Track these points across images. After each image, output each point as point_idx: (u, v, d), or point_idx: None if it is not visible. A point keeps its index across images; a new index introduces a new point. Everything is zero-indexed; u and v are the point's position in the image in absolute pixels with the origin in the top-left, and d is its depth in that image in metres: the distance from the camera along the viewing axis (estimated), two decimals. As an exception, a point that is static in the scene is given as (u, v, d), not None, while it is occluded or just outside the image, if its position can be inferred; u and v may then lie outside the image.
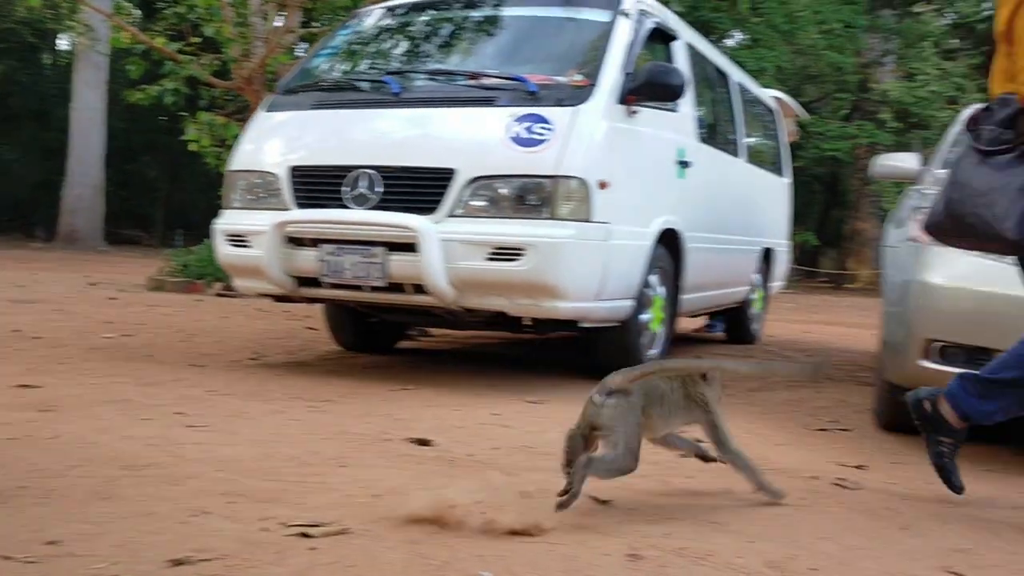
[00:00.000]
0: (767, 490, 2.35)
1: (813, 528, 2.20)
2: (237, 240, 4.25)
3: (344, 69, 4.76)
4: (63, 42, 24.05)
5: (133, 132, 22.45)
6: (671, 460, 2.78)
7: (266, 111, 4.57)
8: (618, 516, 2.18)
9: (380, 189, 3.92)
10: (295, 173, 4.14)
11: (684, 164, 4.79)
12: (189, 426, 2.93)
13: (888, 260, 3.68)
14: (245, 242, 4.20)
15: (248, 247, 4.18)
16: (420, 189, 3.88)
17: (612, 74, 4.08)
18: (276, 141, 4.39)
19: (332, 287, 4.02)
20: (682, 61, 4.90)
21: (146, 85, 9.15)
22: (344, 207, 3.96)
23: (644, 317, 4.36)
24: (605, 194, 3.89)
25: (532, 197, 3.80)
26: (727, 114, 5.96)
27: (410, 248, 3.78)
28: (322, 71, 4.78)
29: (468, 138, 3.98)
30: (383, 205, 3.90)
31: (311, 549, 1.83)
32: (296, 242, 4.04)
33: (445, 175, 3.85)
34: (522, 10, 4.66)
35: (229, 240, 4.30)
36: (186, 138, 8.95)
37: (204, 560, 1.74)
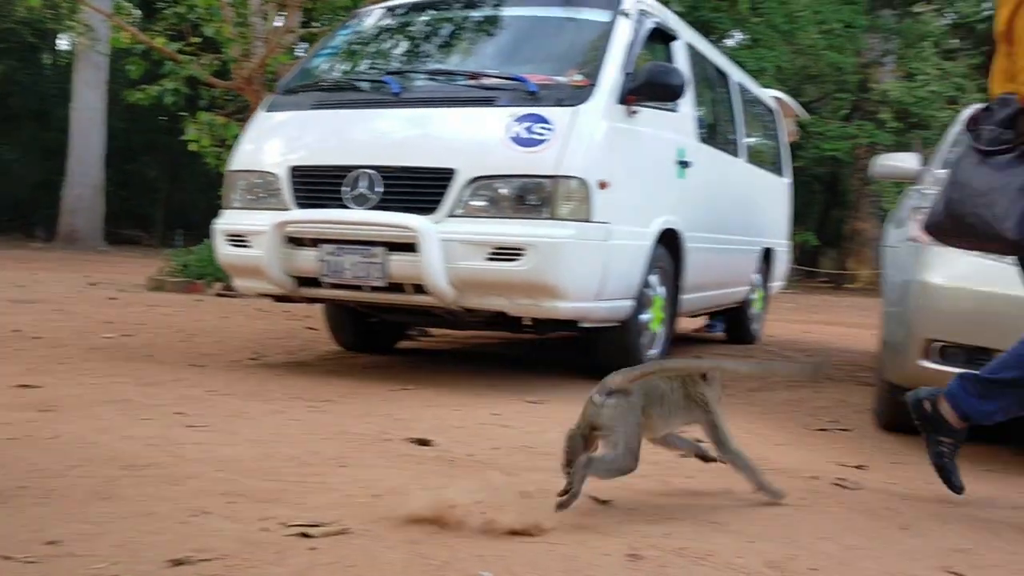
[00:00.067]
0: (767, 490, 2.35)
1: (813, 528, 2.20)
2: (237, 240, 4.26)
3: (344, 69, 4.76)
4: (63, 42, 24.06)
5: (133, 132, 22.45)
6: (671, 460, 2.78)
7: (266, 111, 4.58)
8: (618, 516, 2.18)
9: (380, 189, 3.92)
10: (295, 173, 4.14)
11: (684, 164, 4.79)
12: (189, 426, 2.93)
13: (888, 260, 3.68)
14: (245, 242, 4.21)
15: (248, 247, 4.19)
16: (420, 189, 3.88)
17: (612, 74, 4.08)
18: (276, 141, 4.39)
19: (332, 287, 4.02)
20: (682, 61, 4.90)
21: (146, 85, 9.14)
22: (344, 207, 3.96)
23: (644, 317, 4.36)
24: (605, 194, 3.89)
25: (532, 197, 3.80)
26: (727, 114, 5.96)
27: (410, 248, 3.78)
28: (322, 71, 4.78)
29: (468, 138, 3.98)
30: (383, 205, 3.90)
31: (311, 549, 1.83)
32: (296, 242, 4.04)
33: (445, 175, 3.85)
34: (522, 10, 4.66)
35: (229, 240, 4.30)
36: (186, 138, 8.95)
37: (204, 560, 1.75)
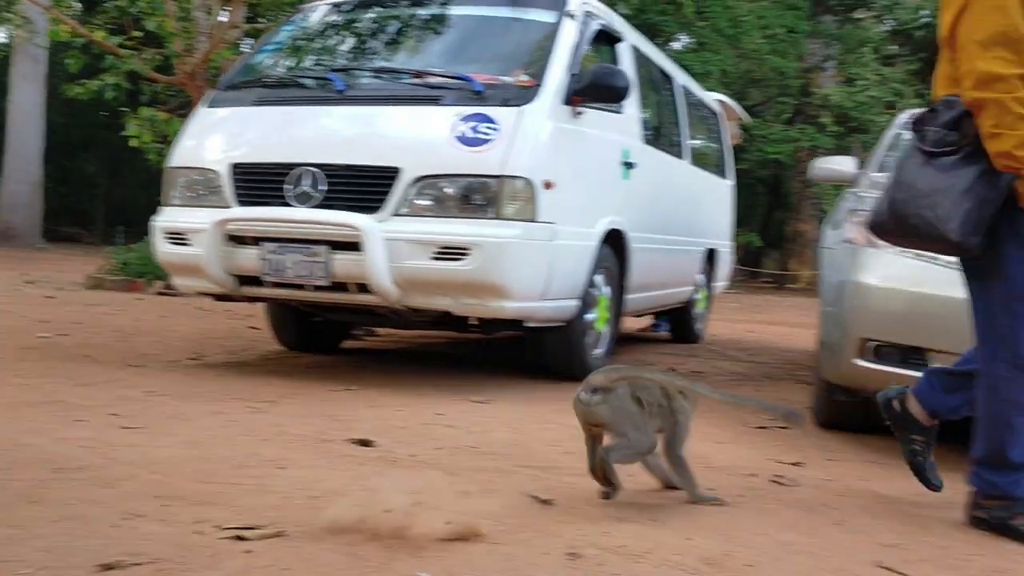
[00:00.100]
0: (702, 501, 2.38)
1: (750, 524, 2.23)
2: (176, 238, 4.18)
3: (288, 65, 4.70)
4: (0, 35, 23.41)
5: (73, 127, 21.95)
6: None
7: (207, 107, 4.50)
8: (559, 515, 2.19)
9: (323, 187, 3.89)
10: (236, 170, 4.08)
11: (629, 165, 4.82)
12: (124, 427, 2.87)
13: (825, 261, 3.74)
14: (185, 240, 4.13)
15: (188, 245, 4.11)
16: (364, 188, 3.85)
17: (557, 75, 4.09)
18: (217, 138, 4.32)
19: (274, 286, 3.97)
20: (627, 63, 4.94)
21: (86, 79, 8.94)
22: (287, 205, 3.92)
23: (589, 317, 4.38)
24: (550, 194, 3.90)
25: (477, 197, 3.80)
26: (671, 116, 6.02)
27: (354, 247, 3.75)
28: (265, 67, 4.72)
29: (413, 137, 3.96)
30: (326, 203, 3.87)
31: (246, 552, 1.81)
32: (237, 240, 3.98)
33: (390, 174, 3.83)
34: (468, 9, 4.65)
35: (168, 238, 4.23)
36: (127, 134, 8.77)
37: (135, 564, 1.71)
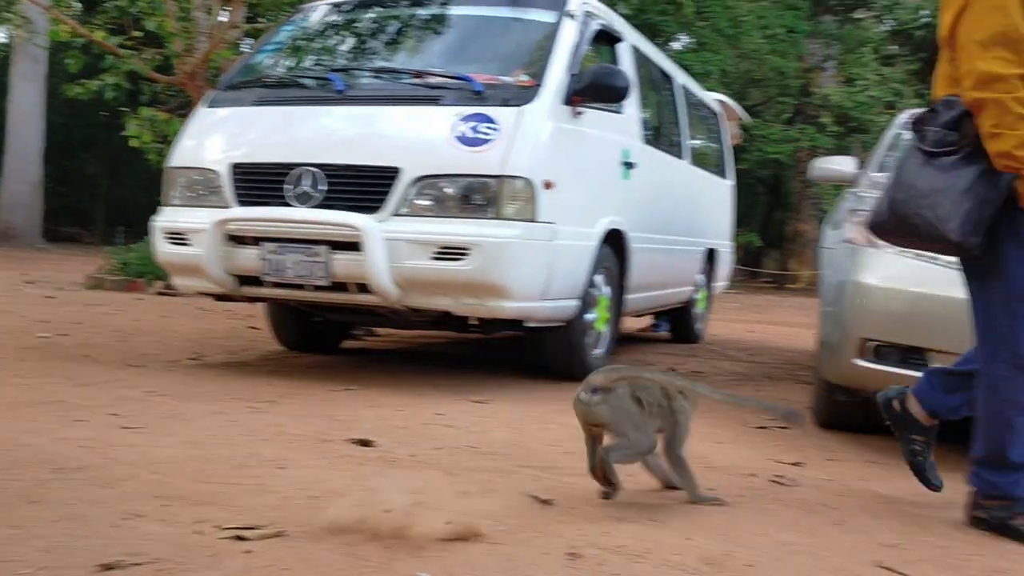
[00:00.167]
0: (703, 500, 2.38)
1: (750, 524, 2.23)
2: (176, 238, 4.18)
3: (288, 65, 4.70)
4: (0, 35, 23.40)
5: (73, 127, 21.94)
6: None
7: (207, 107, 4.50)
8: (559, 515, 2.19)
9: (323, 187, 3.89)
10: (236, 170, 4.08)
11: (629, 165, 4.82)
12: (124, 427, 2.86)
13: (825, 261, 3.74)
14: (185, 240, 4.13)
15: (188, 245, 4.12)
16: (364, 188, 3.85)
17: (557, 75, 4.09)
18: (217, 138, 4.32)
19: (274, 286, 3.97)
20: (627, 63, 4.93)
21: (86, 79, 8.94)
22: (287, 205, 3.92)
23: (589, 317, 4.38)
24: (550, 194, 3.90)
25: (477, 197, 3.80)
26: (671, 116, 6.02)
27: (354, 247, 3.75)
28: (265, 67, 4.72)
29: (413, 137, 3.96)
30: (326, 203, 3.87)
31: (246, 552, 1.80)
32: (237, 240, 3.98)
33: (390, 174, 3.83)
34: (468, 9, 4.65)
35: (168, 238, 4.23)
36: (127, 134, 8.77)
37: (135, 564, 1.71)
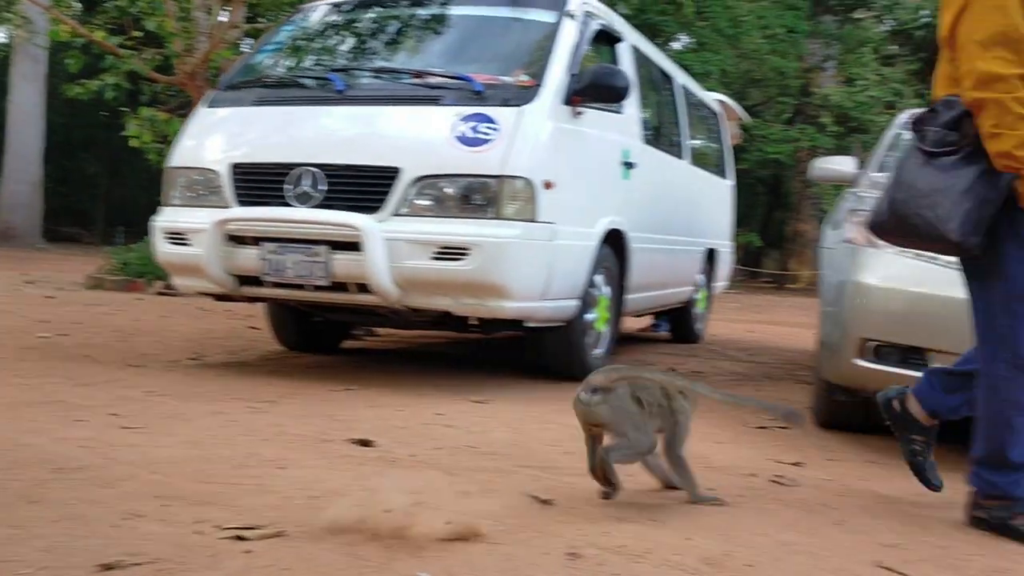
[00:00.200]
0: (703, 500, 2.38)
1: (750, 524, 2.23)
2: (176, 238, 4.18)
3: (288, 65, 4.70)
4: (0, 35, 23.40)
5: (73, 127, 21.95)
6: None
7: (207, 107, 4.50)
8: (559, 515, 2.19)
9: (323, 187, 3.89)
10: (236, 170, 4.08)
11: (629, 165, 4.82)
12: (124, 427, 2.86)
13: (825, 261, 3.74)
14: (185, 240, 4.14)
15: (188, 245, 4.12)
16: (364, 188, 3.85)
17: (557, 75, 4.09)
18: (217, 137, 4.32)
19: (274, 286, 3.97)
20: (627, 63, 4.93)
21: (86, 79, 8.94)
22: (287, 205, 3.92)
23: (589, 317, 4.38)
24: (550, 194, 3.90)
25: (477, 197, 3.80)
26: (671, 116, 6.02)
27: (354, 247, 3.75)
28: (265, 67, 4.72)
29: (413, 137, 3.96)
30: (326, 203, 3.87)
31: (246, 552, 1.80)
32: (237, 240, 3.98)
33: (390, 174, 3.83)
34: (468, 9, 4.65)
35: (168, 238, 4.23)
36: (127, 134, 8.77)
37: (135, 564, 1.71)
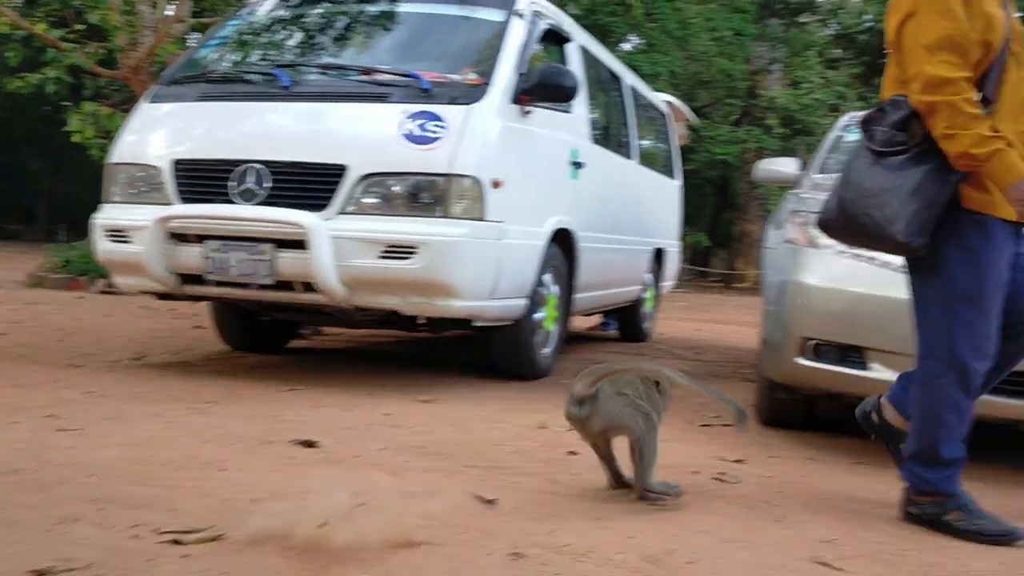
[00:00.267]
0: (654, 490, 2.39)
1: (692, 522, 2.25)
2: (117, 235, 4.10)
3: (233, 60, 4.63)
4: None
5: (13, 122, 21.45)
6: (559, 458, 2.81)
7: (149, 102, 4.42)
8: (503, 515, 2.19)
9: (268, 184, 3.84)
10: (179, 167, 4.01)
11: (577, 165, 4.84)
12: (61, 429, 2.80)
13: (767, 261, 3.79)
14: (125, 237, 4.05)
15: (129, 243, 4.03)
16: (310, 185, 3.81)
17: (506, 74, 4.09)
18: (160, 133, 4.25)
19: (217, 285, 3.90)
20: (575, 63, 4.95)
21: (27, 73, 8.74)
22: (230, 202, 3.86)
23: (538, 316, 4.39)
24: (499, 193, 3.90)
25: (425, 195, 3.78)
26: (620, 117, 6.06)
27: (299, 245, 3.71)
28: (210, 62, 4.64)
29: (360, 134, 3.93)
30: (271, 201, 3.82)
31: (183, 557, 1.77)
32: (180, 238, 3.91)
33: (336, 171, 3.79)
34: (417, 7, 4.62)
35: (109, 235, 4.14)
36: (69, 129, 8.59)
37: (68, 570, 1.67)
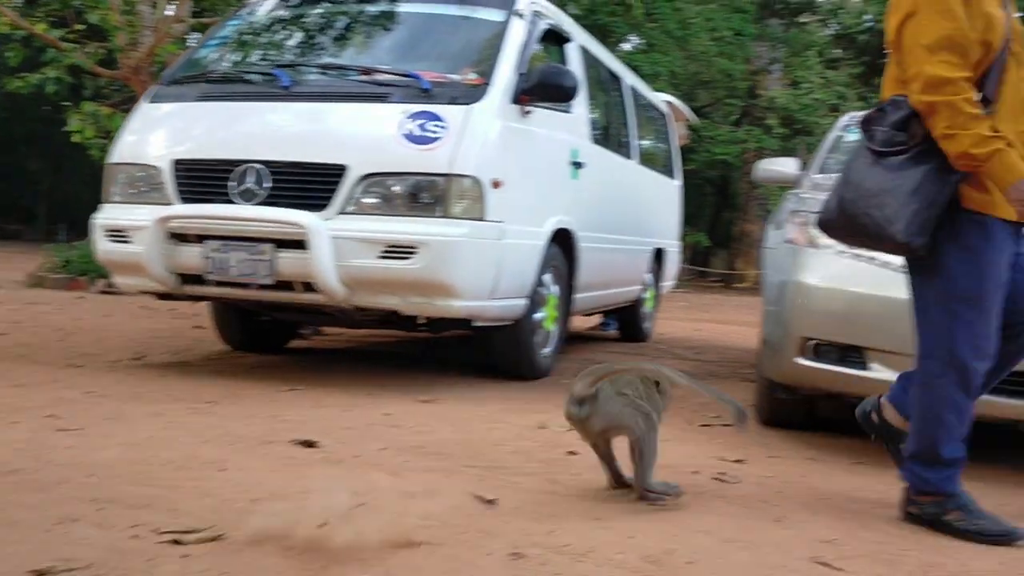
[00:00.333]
0: (653, 489, 2.39)
1: (692, 522, 2.25)
2: (117, 235, 4.10)
3: (234, 60, 4.63)
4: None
5: (14, 122, 21.45)
6: (559, 458, 2.81)
7: (149, 102, 4.42)
8: (503, 515, 2.19)
9: (268, 184, 3.84)
10: (179, 166, 4.01)
11: (577, 165, 4.84)
12: (61, 429, 2.80)
13: (767, 261, 3.79)
14: (125, 237, 4.05)
15: (129, 243, 4.04)
16: (310, 185, 3.81)
17: (506, 74, 4.09)
18: (160, 133, 4.25)
19: (217, 285, 3.90)
20: (575, 63, 4.95)
21: (27, 73, 8.74)
22: (230, 202, 3.86)
23: (538, 316, 4.39)
24: (499, 193, 3.90)
25: (425, 195, 3.78)
26: (620, 116, 6.06)
27: (299, 245, 3.71)
28: (210, 62, 4.64)
29: (360, 134, 3.93)
30: (271, 201, 3.82)
31: (183, 557, 1.77)
32: (179, 238, 3.91)
33: (336, 171, 3.79)
34: (417, 7, 4.62)
35: (109, 235, 4.14)
36: (69, 129, 8.59)
37: (68, 570, 1.67)
